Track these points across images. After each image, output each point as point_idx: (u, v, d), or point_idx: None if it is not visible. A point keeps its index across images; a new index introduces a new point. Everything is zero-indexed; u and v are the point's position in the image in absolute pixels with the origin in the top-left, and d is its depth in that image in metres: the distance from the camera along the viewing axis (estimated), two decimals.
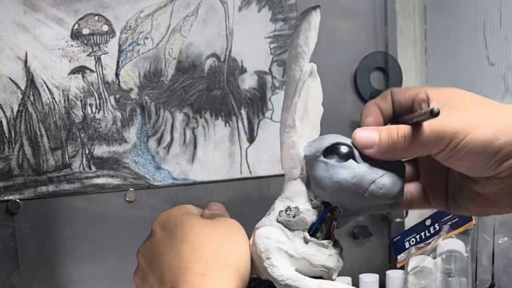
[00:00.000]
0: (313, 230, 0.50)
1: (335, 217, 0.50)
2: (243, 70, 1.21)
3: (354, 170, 0.46)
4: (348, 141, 0.50)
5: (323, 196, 0.49)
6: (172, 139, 1.20)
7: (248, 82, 1.22)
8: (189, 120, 1.20)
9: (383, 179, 0.46)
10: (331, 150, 0.48)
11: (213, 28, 1.19)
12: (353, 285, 1.20)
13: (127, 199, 1.19)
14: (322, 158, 0.49)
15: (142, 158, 1.19)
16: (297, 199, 0.51)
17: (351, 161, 0.47)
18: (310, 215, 0.50)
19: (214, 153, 1.22)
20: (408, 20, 1.32)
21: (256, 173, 1.23)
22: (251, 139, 1.23)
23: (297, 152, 0.52)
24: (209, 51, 1.20)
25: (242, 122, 1.22)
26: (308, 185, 0.50)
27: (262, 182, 1.24)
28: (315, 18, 0.51)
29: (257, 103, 1.23)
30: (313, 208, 0.50)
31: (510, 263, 1.01)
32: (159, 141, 1.20)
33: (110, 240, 1.19)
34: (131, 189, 1.19)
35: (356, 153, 0.47)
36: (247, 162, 1.23)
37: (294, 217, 0.50)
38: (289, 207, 0.51)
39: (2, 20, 1.11)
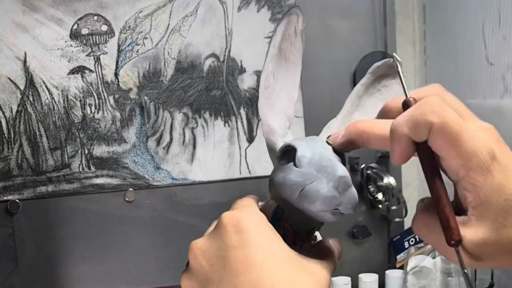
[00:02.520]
0: None
1: (285, 220, 0.50)
2: (242, 70, 1.21)
3: (287, 174, 0.46)
4: (305, 143, 0.48)
5: (271, 197, 0.50)
6: (171, 139, 1.20)
7: (247, 82, 1.22)
8: (188, 120, 1.20)
9: (309, 186, 0.45)
10: (285, 152, 0.49)
11: (212, 28, 1.19)
12: (352, 285, 1.20)
13: (127, 199, 1.19)
14: (277, 159, 0.49)
15: (142, 158, 1.19)
16: (267, 198, 0.52)
17: (290, 164, 0.47)
18: (265, 213, 0.50)
19: (214, 153, 1.22)
20: (407, 20, 1.32)
21: (256, 173, 1.23)
22: (251, 139, 1.23)
23: (275, 151, 0.52)
24: (208, 51, 1.20)
25: (242, 122, 1.22)
26: None
27: (261, 182, 1.24)
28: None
29: (256, 103, 1.23)
30: (268, 206, 0.51)
31: None
32: (158, 141, 1.20)
33: (109, 240, 1.19)
34: (131, 189, 1.19)
35: (300, 157, 0.46)
36: (246, 162, 1.23)
37: None
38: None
39: (1, 20, 1.11)
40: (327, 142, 0.47)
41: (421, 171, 0.42)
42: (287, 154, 0.49)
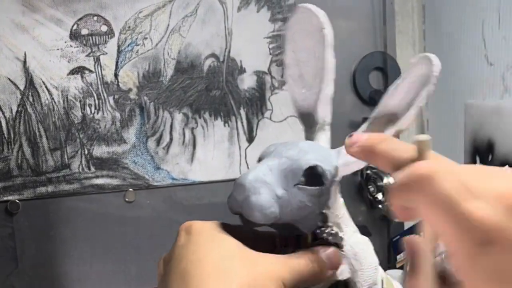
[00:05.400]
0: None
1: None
2: (242, 70, 1.21)
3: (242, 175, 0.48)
4: (269, 147, 0.49)
5: None
6: (171, 139, 1.20)
7: (247, 82, 1.22)
8: (188, 120, 1.20)
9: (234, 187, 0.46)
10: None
11: (212, 28, 1.19)
12: None
13: (127, 199, 1.19)
14: None
15: (141, 158, 1.19)
16: None
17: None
18: None
19: (213, 153, 1.22)
20: (407, 20, 1.32)
21: None
22: (250, 139, 1.23)
23: None
24: (208, 51, 1.20)
25: (241, 122, 1.23)
26: None
27: None
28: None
29: (256, 103, 1.23)
30: None
31: None
32: (158, 141, 1.20)
33: (109, 240, 1.19)
34: (131, 189, 1.19)
35: (263, 159, 0.47)
36: (246, 162, 1.23)
37: None
38: None
39: (1, 21, 1.11)
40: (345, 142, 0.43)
41: None
42: None
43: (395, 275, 1.17)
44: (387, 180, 1.23)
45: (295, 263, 0.42)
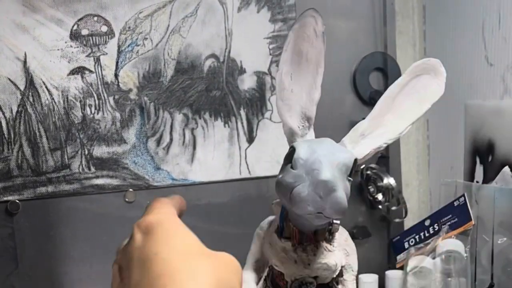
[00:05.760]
0: (281, 227, 0.51)
1: (289, 219, 0.50)
2: (242, 71, 1.21)
3: (284, 175, 0.47)
4: (307, 146, 0.48)
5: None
6: (171, 139, 1.20)
7: (247, 82, 1.22)
8: (188, 121, 1.20)
9: (295, 188, 0.45)
10: (290, 153, 0.49)
11: (212, 28, 1.20)
12: None
13: (127, 199, 1.19)
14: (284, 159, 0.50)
15: (142, 158, 1.19)
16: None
17: (288, 165, 0.47)
18: (276, 211, 0.51)
19: (214, 154, 1.22)
20: (407, 20, 1.32)
21: (256, 173, 1.23)
22: (251, 139, 1.23)
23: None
24: (208, 52, 1.20)
25: (242, 123, 1.23)
26: None
27: (261, 183, 1.24)
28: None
29: (256, 103, 1.23)
30: (278, 205, 0.52)
31: (509, 263, 1.01)
32: (158, 142, 1.20)
33: (109, 241, 1.19)
34: (131, 189, 1.19)
35: (296, 159, 0.46)
36: (246, 162, 1.23)
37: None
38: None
39: (1, 21, 1.11)
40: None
41: (421, 171, 0.42)
42: (291, 155, 0.49)
43: (395, 275, 1.17)
44: (387, 180, 1.23)
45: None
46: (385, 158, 1.29)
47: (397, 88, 0.54)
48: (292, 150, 0.48)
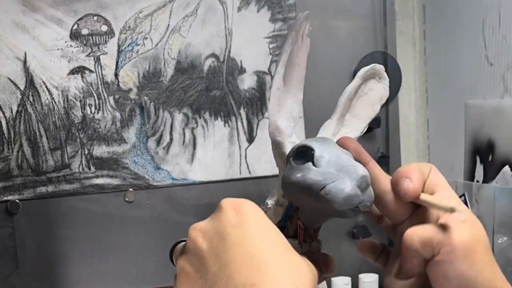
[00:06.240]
0: (281, 227, 0.51)
1: (299, 217, 0.51)
2: (242, 70, 1.21)
3: (306, 173, 0.47)
4: (320, 144, 0.49)
5: (286, 195, 0.51)
6: (171, 139, 1.20)
7: (247, 82, 1.22)
8: (188, 120, 1.20)
9: (331, 185, 0.46)
10: (299, 152, 0.49)
11: (212, 28, 1.19)
12: (352, 285, 1.20)
13: (127, 199, 1.19)
14: (290, 159, 0.50)
15: (142, 158, 1.19)
16: (272, 195, 0.53)
17: (309, 164, 0.47)
18: (277, 212, 0.51)
19: (214, 153, 1.22)
20: (407, 20, 1.32)
21: (256, 173, 1.23)
22: (251, 139, 1.23)
23: (282, 151, 0.53)
24: (208, 51, 1.20)
25: (242, 122, 1.23)
26: None
27: (261, 182, 1.24)
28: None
29: (256, 103, 1.23)
30: (279, 205, 0.52)
31: (509, 263, 1.01)
32: (158, 142, 1.20)
33: (109, 240, 1.19)
34: (131, 189, 1.19)
35: (319, 157, 0.47)
36: (246, 162, 1.23)
37: (266, 212, 0.52)
38: (264, 202, 0.54)
39: (1, 21, 1.11)
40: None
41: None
42: (302, 154, 0.49)
43: None
44: None
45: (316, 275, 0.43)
46: (385, 158, 1.29)
47: (352, 90, 0.58)
48: (305, 149, 0.49)
